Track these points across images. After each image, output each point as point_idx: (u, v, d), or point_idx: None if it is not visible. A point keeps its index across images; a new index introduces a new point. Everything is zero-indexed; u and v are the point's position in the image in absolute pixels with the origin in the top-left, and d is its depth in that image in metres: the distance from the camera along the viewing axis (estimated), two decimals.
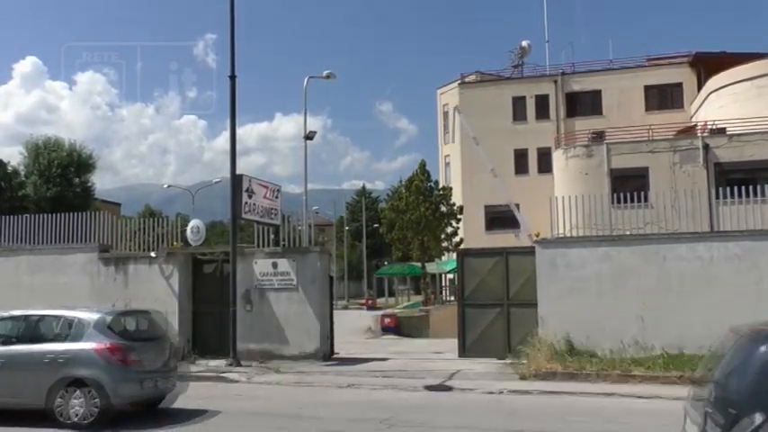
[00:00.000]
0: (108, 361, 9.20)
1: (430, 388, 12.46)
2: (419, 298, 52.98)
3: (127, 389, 9.37)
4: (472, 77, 46.20)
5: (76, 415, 9.18)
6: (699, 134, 31.31)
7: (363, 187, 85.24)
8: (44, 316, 10.06)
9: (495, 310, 16.37)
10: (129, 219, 21.75)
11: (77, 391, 9.20)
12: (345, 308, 54.82)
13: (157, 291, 17.47)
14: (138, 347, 9.67)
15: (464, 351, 16.52)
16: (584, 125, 39.35)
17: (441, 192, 44.01)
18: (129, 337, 9.77)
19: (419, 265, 47.74)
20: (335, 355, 17.31)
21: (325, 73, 29.55)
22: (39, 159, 38.84)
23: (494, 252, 17.46)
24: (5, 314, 10.28)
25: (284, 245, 17.34)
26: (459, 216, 42.94)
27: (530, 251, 16.59)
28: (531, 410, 10.28)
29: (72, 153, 39.70)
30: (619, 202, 16.32)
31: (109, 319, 9.70)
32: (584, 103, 43.01)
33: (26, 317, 10.07)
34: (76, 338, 9.41)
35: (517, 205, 32.04)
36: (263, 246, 17.48)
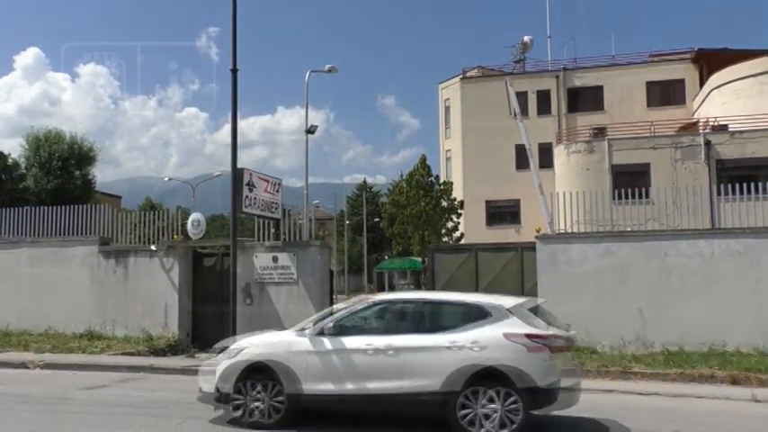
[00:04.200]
0: None
1: None
2: None
3: None
4: (474, 72, 46.11)
5: None
6: (700, 131, 31.29)
7: (364, 181, 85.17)
8: None
9: None
10: (129, 211, 21.77)
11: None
12: None
13: (157, 284, 17.47)
14: None
15: None
16: (585, 121, 39.31)
17: (441, 186, 43.96)
18: None
19: (419, 259, 47.72)
20: None
21: (326, 67, 29.60)
22: (39, 152, 38.82)
23: (463, 249, 17.75)
24: None
25: (285, 239, 17.32)
26: (459, 211, 42.92)
27: (499, 248, 17.11)
28: None
29: (73, 145, 39.67)
30: (620, 198, 16.31)
31: None
32: (585, 99, 42.94)
33: None
34: None
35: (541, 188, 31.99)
36: (264, 239, 17.47)
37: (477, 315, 8.39)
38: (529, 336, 8.02)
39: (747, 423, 9.31)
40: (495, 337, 8.08)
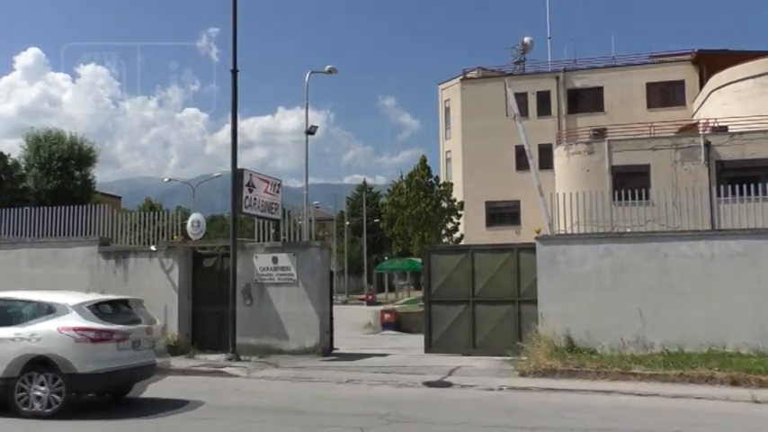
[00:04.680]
0: None
1: (429, 384, 12.45)
2: (419, 293, 52.89)
3: None
4: (474, 73, 46.13)
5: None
6: (700, 132, 31.30)
7: (364, 182, 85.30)
8: None
9: (460, 306, 16.53)
10: (129, 212, 21.75)
11: None
12: (345, 303, 54.77)
13: (157, 284, 17.45)
14: None
15: (430, 347, 16.69)
16: (585, 122, 39.35)
17: (441, 187, 43.96)
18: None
19: (419, 260, 47.65)
20: (335, 351, 17.29)
21: (326, 68, 29.58)
22: (39, 152, 38.81)
23: (460, 249, 17.78)
24: None
25: (284, 239, 17.32)
26: (459, 212, 42.91)
27: (495, 249, 17.12)
28: (531, 407, 10.27)
29: (73, 146, 39.67)
30: (620, 199, 16.28)
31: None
32: (585, 100, 42.97)
33: None
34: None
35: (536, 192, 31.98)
36: (264, 240, 17.46)
37: (45, 311, 9.86)
38: (76, 329, 9.47)
39: (747, 424, 9.31)
40: (50, 330, 9.54)
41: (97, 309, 9.99)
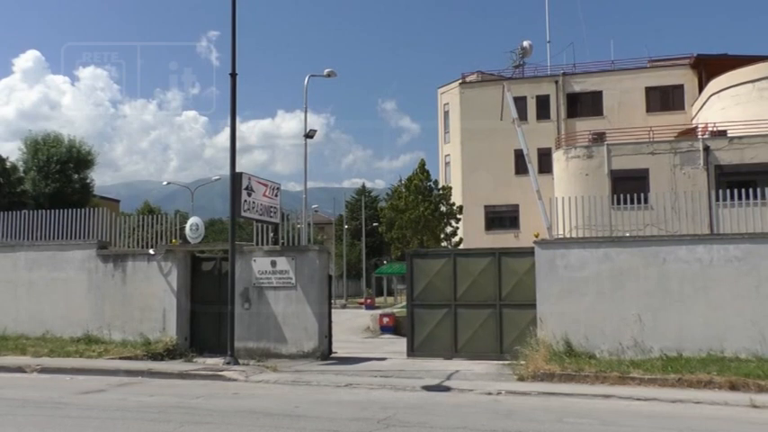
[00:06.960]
0: None
1: (428, 388, 12.43)
2: None
3: None
4: (473, 77, 46.17)
5: None
6: (699, 136, 31.33)
7: (363, 186, 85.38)
8: None
9: (443, 310, 16.59)
10: (128, 215, 21.73)
11: None
12: (344, 307, 54.78)
13: (155, 288, 17.45)
14: None
15: (412, 351, 16.72)
16: (584, 126, 39.39)
17: (440, 191, 43.96)
18: None
19: None
20: (334, 355, 17.28)
21: (326, 71, 29.59)
22: (38, 155, 38.81)
23: (442, 254, 17.90)
24: None
25: (283, 243, 17.31)
26: (458, 216, 42.91)
27: (477, 254, 17.23)
28: (529, 411, 10.25)
29: (71, 149, 39.67)
30: (619, 203, 16.31)
31: None
32: (584, 104, 43.01)
33: None
34: None
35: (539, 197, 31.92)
36: (262, 244, 17.46)
37: None
38: None
39: (746, 428, 9.30)
40: None
41: None
